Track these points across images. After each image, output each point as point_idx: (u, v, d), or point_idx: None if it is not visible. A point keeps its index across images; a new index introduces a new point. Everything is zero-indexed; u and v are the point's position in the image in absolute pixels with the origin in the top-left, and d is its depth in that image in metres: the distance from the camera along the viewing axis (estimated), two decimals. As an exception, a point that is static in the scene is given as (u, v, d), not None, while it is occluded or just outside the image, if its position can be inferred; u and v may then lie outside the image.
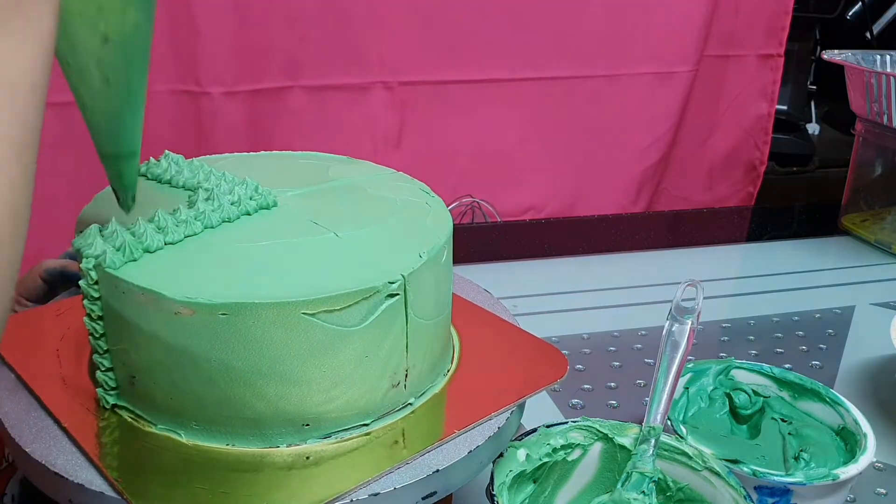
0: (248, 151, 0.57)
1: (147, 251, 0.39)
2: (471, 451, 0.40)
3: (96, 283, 0.38)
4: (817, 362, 0.73)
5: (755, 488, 0.46)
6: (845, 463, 0.48)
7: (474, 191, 1.16)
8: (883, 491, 0.56)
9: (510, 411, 0.44)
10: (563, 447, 0.48)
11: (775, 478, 0.46)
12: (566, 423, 0.48)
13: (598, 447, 0.48)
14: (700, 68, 1.22)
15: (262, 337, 0.37)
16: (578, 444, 0.48)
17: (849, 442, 0.51)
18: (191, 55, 0.98)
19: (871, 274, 0.94)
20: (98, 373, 0.40)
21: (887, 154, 1.02)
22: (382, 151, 1.11)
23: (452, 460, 0.39)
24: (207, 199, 0.43)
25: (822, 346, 0.76)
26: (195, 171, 0.48)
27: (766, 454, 0.52)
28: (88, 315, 0.39)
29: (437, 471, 0.39)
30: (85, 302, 0.39)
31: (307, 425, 0.39)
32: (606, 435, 0.48)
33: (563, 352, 0.65)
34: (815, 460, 0.51)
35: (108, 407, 0.41)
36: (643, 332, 0.77)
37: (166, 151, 0.50)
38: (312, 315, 0.37)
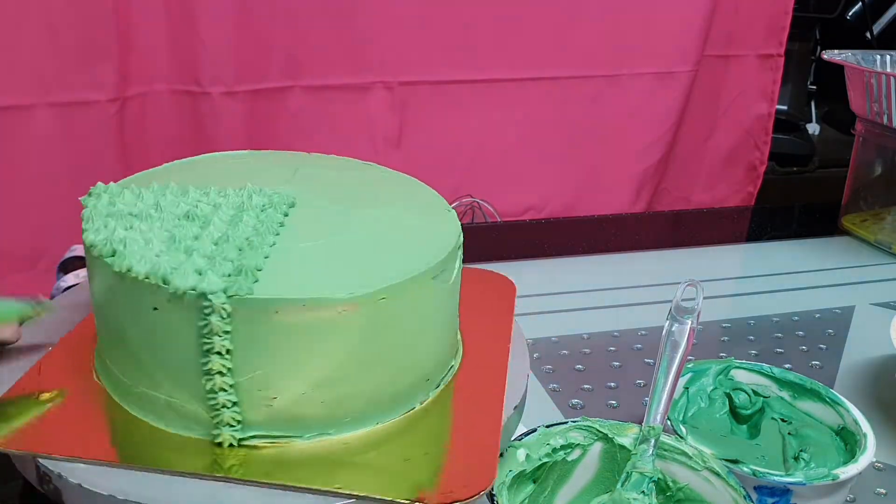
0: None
1: (258, 269, 0.39)
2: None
3: (229, 315, 0.37)
4: (817, 362, 0.73)
5: (755, 488, 0.46)
6: (845, 463, 0.48)
7: (474, 191, 1.16)
8: (883, 491, 0.56)
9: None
10: (562, 447, 0.48)
11: (775, 478, 0.46)
12: (566, 423, 0.48)
13: (597, 447, 0.48)
14: (700, 68, 1.22)
15: (410, 310, 0.41)
16: (578, 444, 0.48)
17: (849, 442, 0.51)
18: (191, 55, 0.98)
19: (871, 274, 0.94)
20: (225, 412, 0.39)
21: (887, 154, 1.02)
22: (382, 151, 1.11)
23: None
24: (243, 211, 0.44)
25: (822, 346, 0.76)
26: (182, 193, 0.47)
27: (766, 454, 0.52)
28: (217, 353, 0.38)
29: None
30: (216, 339, 0.37)
31: (428, 380, 0.44)
32: (606, 435, 0.48)
33: (563, 351, 0.66)
34: (814, 460, 0.51)
35: (235, 445, 0.40)
36: (643, 332, 0.77)
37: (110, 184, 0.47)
38: (435, 279, 0.42)
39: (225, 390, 0.38)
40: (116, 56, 0.93)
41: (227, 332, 0.37)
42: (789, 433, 0.54)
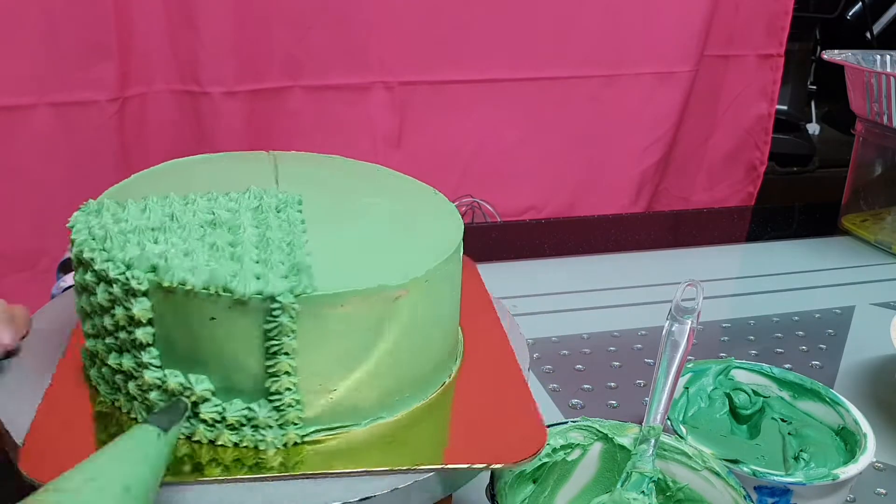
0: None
1: (310, 267, 0.39)
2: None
3: (297, 313, 0.37)
4: (817, 362, 0.73)
5: (755, 488, 0.46)
6: (845, 463, 0.48)
7: (474, 191, 1.16)
8: (883, 491, 0.56)
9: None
10: (562, 447, 0.48)
11: (775, 478, 0.46)
12: (566, 423, 0.48)
13: (597, 447, 0.48)
14: (700, 68, 1.22)
15: (446, 290, 0.43)
16: (578, 444, 0.48)
17: (849, 442, 0.51)
18: (191, 55, 0.98)
19: (871, 274, 0.94)
20: (290, 411, 0.39)
21: (887, 154, 1.02)
22: (382, 151, 1.11)
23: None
24: (261, 213, 0.44)
25: (822, 346, 0.76)
26: (190, 202, 0.46)
27: (766, 454, 0.52)
28: (285, 353, 0.38)
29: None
30: (284, 340, 0.37)
31: (450, 355, 0.45)
32: (606, 435, 0.48)
33: (563, 351, 0.65)
34: (814, 460, 0.51)
35: (299, 443, 0.39)
36: (643, 332, 0.77)
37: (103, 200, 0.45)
38: (456, 262, 0.44)
39: (290, 389, 0.39)
40: (116, 56, 0.93)
41: (293, 332, 0.37)
42: (789, 433, 0.54)
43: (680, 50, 1.19)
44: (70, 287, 0.56)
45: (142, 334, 0.39)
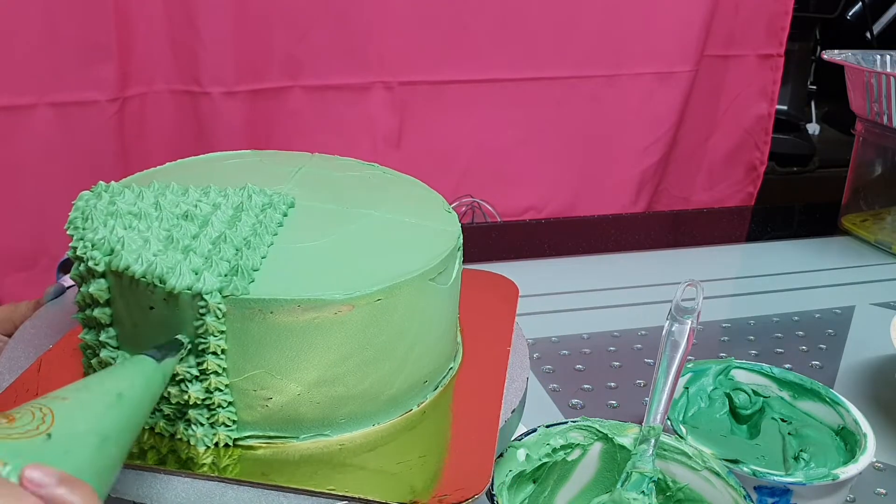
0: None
1: (255, 270, 0.39)
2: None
3: (224, 315, 0.37)
4: (817, 362, 0.73)
5: (755, 488, 0.46)
6: (845, 463, 0.48)
7: (474, 191, 1.16)
8: (883, 491, 0.56)
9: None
10: (562, 447, 0.48)
11: (775, 478, 0.46)
12: (566, 423, 0.48)
13: (597, 447, 0.48)
14: (700, 68, 1.22)
15: (407, 311, 0.41)
16: (578, 444, 0.48)
17: (849, 442, 0.51)
18: (191, 55, 0.98)
19: (871, 274, 0.94)
20: (220, 412, 0.39)
21: (887, 154, 1.02)
22: (382, 151, 1.11)
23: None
24: (242, 211, 0.43)
25: (822, 346, 0.76)
26: (182, 192, 0.46)
27: (766, 454, 0.52)
28: (213, 353, 0.38)
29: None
30: (211, 339, 0.37)
31: (426, 382, 0.44)
32: (606, 435, 0.48)
33: (563, 351, 0.65)
34: (814, 460, 0.51)
35: (230, 445, 0.39)
36: (643, 332, 0.77)
37: (112, 183, 0.46)
38: (434, 280, 0.42)
39: (220, 390, 0.38)
40: (116, 56, 0.93)
41: (221, 332, 0.37)
42: (789, 433, 0.54)
43: (680, 50, 1.19)
44: (71, 287, 0.56)
45: (99, 313, 0.40)
